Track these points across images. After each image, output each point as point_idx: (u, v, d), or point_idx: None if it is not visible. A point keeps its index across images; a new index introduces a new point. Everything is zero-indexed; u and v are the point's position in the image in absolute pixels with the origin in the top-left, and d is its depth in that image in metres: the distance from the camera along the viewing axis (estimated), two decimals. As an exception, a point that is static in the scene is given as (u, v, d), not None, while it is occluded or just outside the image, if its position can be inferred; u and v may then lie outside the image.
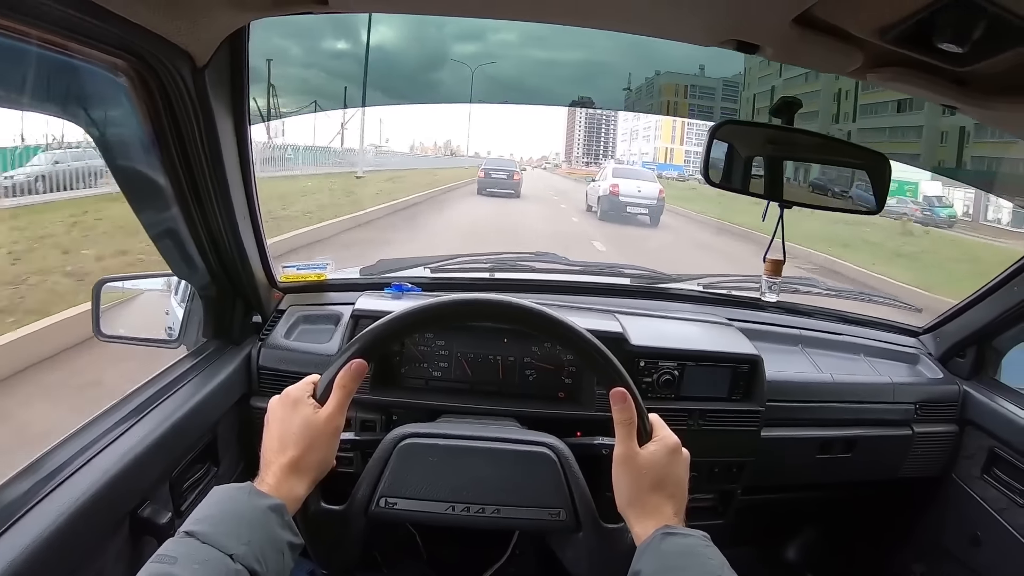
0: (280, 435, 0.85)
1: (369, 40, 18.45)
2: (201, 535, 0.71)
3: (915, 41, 0.79)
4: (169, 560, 0.68)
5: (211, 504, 0.76)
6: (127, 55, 0.87)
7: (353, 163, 22.44)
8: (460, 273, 1.79)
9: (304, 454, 0.84)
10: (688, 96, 48.41)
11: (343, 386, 0.87)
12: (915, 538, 1.84)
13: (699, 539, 0.82)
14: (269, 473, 0.83)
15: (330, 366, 0.89)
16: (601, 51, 58.86)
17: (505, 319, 0.97)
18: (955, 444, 1.70)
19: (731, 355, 1.47)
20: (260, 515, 0.75)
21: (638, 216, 14.99)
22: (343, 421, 0.88)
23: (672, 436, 0.91)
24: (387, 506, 0.98)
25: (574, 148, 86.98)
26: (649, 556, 0.80)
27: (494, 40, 69.35)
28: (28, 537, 0.79)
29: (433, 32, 61.50)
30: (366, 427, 1.35)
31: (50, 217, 8.00)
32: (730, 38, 0.90)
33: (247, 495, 0.77)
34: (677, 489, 0.89)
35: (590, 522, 0.99)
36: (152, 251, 1.24)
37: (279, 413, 0.87)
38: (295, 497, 0.82)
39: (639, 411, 0.89)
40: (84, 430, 1.03)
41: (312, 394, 0.88)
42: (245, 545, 0.71)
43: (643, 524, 0.85)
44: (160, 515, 1.02)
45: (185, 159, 1.06)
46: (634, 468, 0.87)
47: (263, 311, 1.50)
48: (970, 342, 1.72)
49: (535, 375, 1.42)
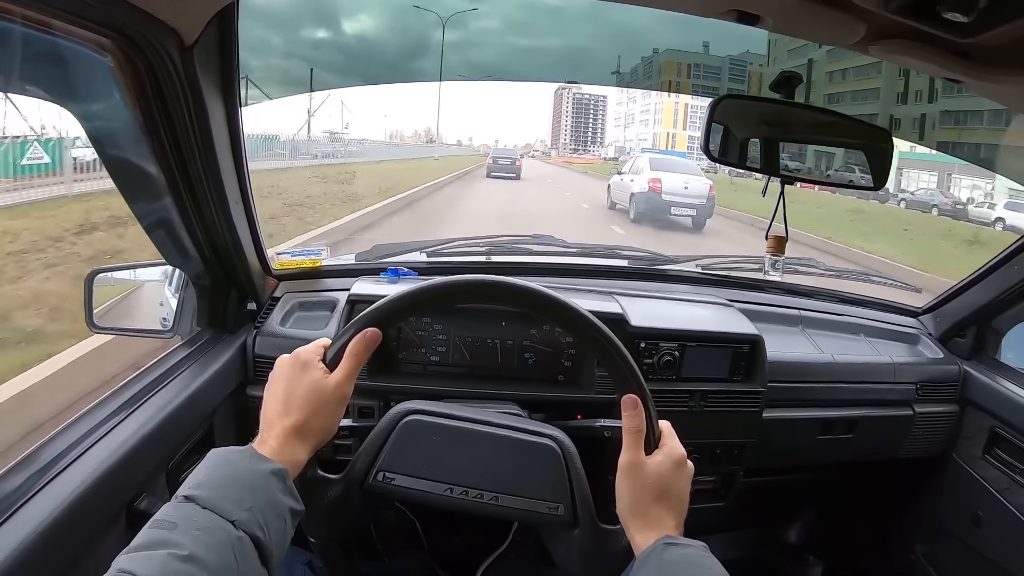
0: (286, 396, 0.83)
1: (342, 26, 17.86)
2: (201, 500, 0.68)
3: (919, 10, 0.78)
4: (168, 526, 0.66)
5: (210, 467, 0.74)
6: (112, 33, 0.85)
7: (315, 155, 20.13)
8: (456, 257, 1.77)
9: (309, 419, 0.82)
10: (692, 76, 45.99)
11: (355, 354, 0.85)
12: (916, 518, 1.84)
13: (699, 550, 0.81)
14: (271, 435, 0.80)
15: (342, 333, 0.88)
16: (584, 37, 57.99)
17: (527, 305, 0.95)
18: (956, 424, 1.70)
19: (732, 335, 1.46)
20: (261, 479, 0.73)
21: (681, 219, 12.22)
22: (351, 390, 0.86)
23: (679, 448, 0.90)
24: (384, 480, 0.96)
25: (561, 134, 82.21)
26: (650, 566, 0.79)
27: (475, 27, 68.71)
28: (23, 531, 0.77)
29: (413, 20, 60.80)
30: (364, 414, 1.33)
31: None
32: (731, 8, 0.88)
33: (248, 458, 0.75)
34: (679, 501, 0.88)
35: (587, 520, 0.98)
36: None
37: (288, 373, 0.85)
38: (297, 462, 0.80)
39: (649, 419, 0.88)
40: (78, 422, 1.01)
41: (322, 358, 0.86)
42: (247, 511, 0.69)
43: (643, 534, 0.84)
44: (157, 507, 0.98)
45: (175, 142, 1.04)
46: (639, 477, 0.86)
47: (258, 298, 1.48)
48: (970, 322, 1.72)
49: (534, 358, 1.41)
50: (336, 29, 46.22)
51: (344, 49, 47.24)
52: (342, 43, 41.06)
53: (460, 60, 38.31)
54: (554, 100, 73.54)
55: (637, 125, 66.09)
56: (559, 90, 63.66)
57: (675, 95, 53.18)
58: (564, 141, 78.85)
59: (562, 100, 75.80)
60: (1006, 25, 0.78)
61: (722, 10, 0.90)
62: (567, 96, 70.93)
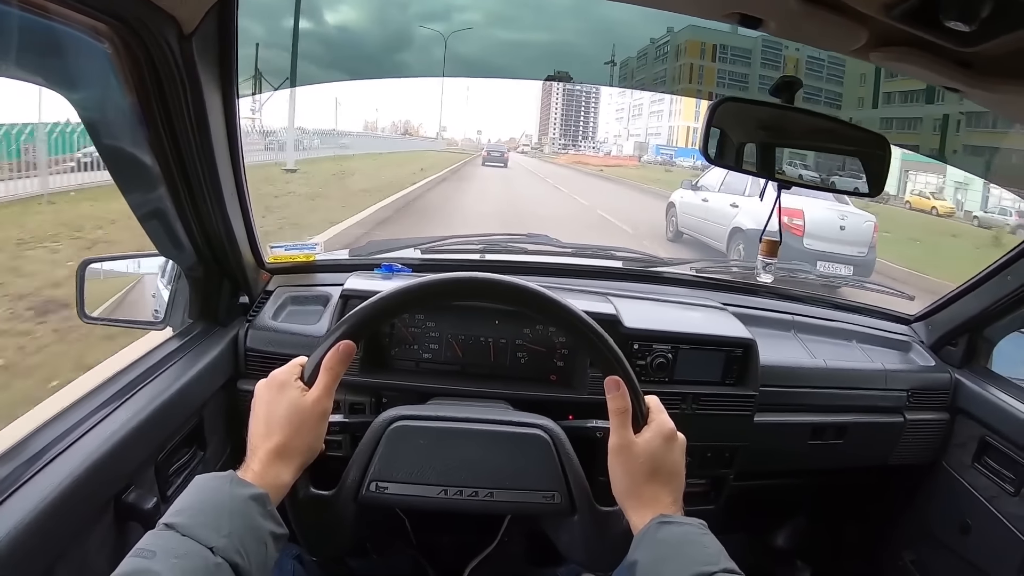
0: (266, 419, 0.84)
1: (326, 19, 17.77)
2: (180, 527, 0.69)
3: (921, 18, 0.78)
4: (148, 554, 0.66)
5: (191, 494, 0.75)
6: (110, 19, 0.84)
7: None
8: (451, 254, 1.77)
9: (290, 439, 0.82)
10: (717, 59, 39.91)
11: (330, 368, 0.85)
12: (904, 525, 1.85)
13: (696, 527, 0.81)
14: (255, 459, 0.81)
15: (317, 348, 0.87)
16: (569, 32, 56.42)
17: (493, 297, 0.95)
18: (946, 432, 1.70)
19: (725, 339, 1.46)
20: (241, 505, 0.73)
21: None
22: (331, 404, 0.86)
23: (667, 422, 0.90)
24: (378, 490, 0.96)
25: (550, 128, 76.45)
26: (645, 545, 0.80)
27: (459, 20, 67.68)
28: (9, 522, 0.77)
29: (396, 14, 59.99)
30: (355, 410, 1.33)
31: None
32: (733, 11, 0.89)
33: (228, 484, 0.75)
34: (673, 476, 0.88)
35: (585, 505, 0.98)
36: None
37: (265, 397, 0.85)
38: (281, 484, 0.81)
39: (634, 397, 0.88)
40: (67, 412, 1.01)
41: (300, 376, 0.86)
42: (225, 537, 0.69)
43: (640, 514, 0.84)
44: (145, 500, 1.00)
45: (171, 132, 1.03)
46: (629, 458, 0.86)
47: (251, 292, 1.48)
48: (962, 331, 1.73)
49: (527, 357, 1.41)
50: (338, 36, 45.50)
51: (328, 42, 46.39)
52: (327, 36, 39.90)
53: (447, 53, 37.96)
54: (542, 91, 68.00)
55: (646, 117, 59.82)
56: (547, 80, 59.04)
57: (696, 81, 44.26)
58: (553, 135, 74.25)
59: (551, 91, 69.66)
60: (1008, 35, 0.78)
61: (724, 12, 0.91)
62: (557, 87, 65.33)
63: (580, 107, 78.46)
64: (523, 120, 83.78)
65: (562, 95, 66.26)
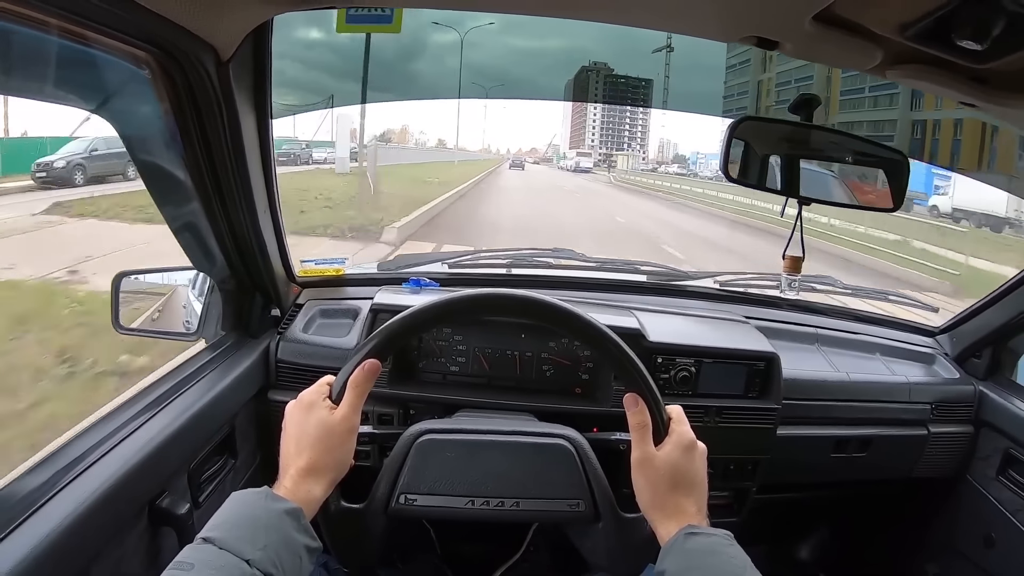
0: (296, 438, 0.86)
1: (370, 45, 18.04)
2: (217, 541, 0.71)
3: (935, 38, 0.79)
4: (186, 567, 0.69)
5: (228, 509, 0.77)
6: (152, 48, 0.89)
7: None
8: (477, 269, 1.80)
9: (320, 456, 0.85)
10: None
11: (357, 386, 0.88)
12: (928, 538, 1.83)
13: (722, 538, 0.83)
14: (287, 477, 0.83)
15: (344, 367, 0.90)
16: (584, 38, 50.78)
17: (517, 313, 0.98)
18: (970, 445, 1.69)
19: (748, 352, 1.47)
20: (276, 519, 0.76)
21: None
22: (358, 421, 0.88)
23: (687, 432, 0.91)
24: (407, 503, 0.98)
25: (586, 134, 58.26)
26: (673, 556, 0.81)
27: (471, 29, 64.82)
28: (48, 526, 0.80)
29: (409, 20, 58.96)
30: (383, 421, 1.36)
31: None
32: (749, 34, 0.91)
33: (264, 499, 0.78)
34: (695, 486, 0.89)
35: (609, 512, 0.99)
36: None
37: (296, 417, 0.88)
38: (312, 500, 0.83)
39: (653, 411, 0.90)
40: (104, 420, 1.04)
41: (328, 395, 0.89)
42: (261, 550, 0.72)
43: (666, 526, 0.85)
44: (178, 506, 1.03)
45: (208, 152, 1.08)
46: (651, 470, 0.88)
47: (281, 305, 1.51)
48: (987, 343, 1.71)
49: (552, 370, 1.42)
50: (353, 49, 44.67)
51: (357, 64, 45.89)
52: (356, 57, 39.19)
53: (471, 72, 38.13)
54: (575, 87, 50.34)
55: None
56: (582, 72, 44.85)
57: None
58: (591, 142, 57.31)
59: (587, 86, 51.85)
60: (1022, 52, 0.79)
61: (742, 35, 0.93)
62: (594, 83, 49.86)
63: (625, 104, 58.22)
64: (548, 125, 69.86)
65: (603, 88, 50.21)
